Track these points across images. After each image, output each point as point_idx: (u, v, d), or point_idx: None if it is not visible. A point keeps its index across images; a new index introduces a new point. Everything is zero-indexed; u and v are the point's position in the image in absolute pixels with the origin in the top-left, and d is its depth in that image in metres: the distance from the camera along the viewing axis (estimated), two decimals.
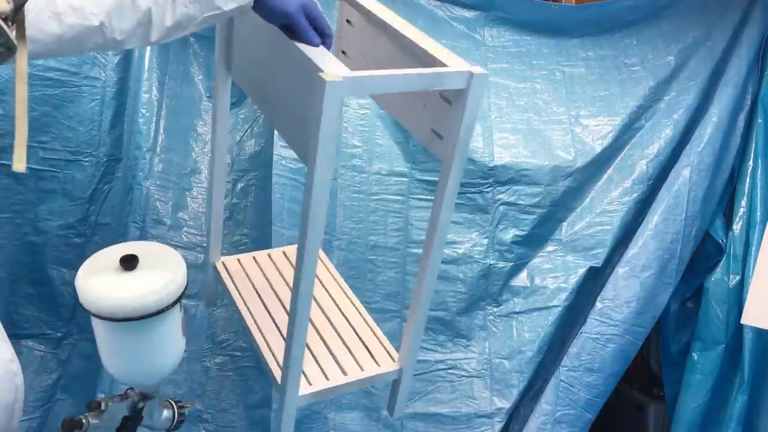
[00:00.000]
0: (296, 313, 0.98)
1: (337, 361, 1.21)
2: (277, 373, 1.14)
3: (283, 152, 1.73)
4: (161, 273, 0.81)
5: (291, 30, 0.97)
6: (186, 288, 0.87)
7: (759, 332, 1.84)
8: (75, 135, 1.65)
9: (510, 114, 1.93)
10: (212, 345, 1.78)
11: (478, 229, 1.90)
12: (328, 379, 1.17)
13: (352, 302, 1.35)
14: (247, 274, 1.39)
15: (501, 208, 1.90)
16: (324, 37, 0.99)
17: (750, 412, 1.88)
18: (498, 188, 1.89)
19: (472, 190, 1.88)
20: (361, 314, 1.32)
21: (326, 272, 1.44)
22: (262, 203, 1.76)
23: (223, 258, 1.42)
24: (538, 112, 1.94)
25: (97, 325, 0.77)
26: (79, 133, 1.66)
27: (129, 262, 0.80)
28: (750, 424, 1.88)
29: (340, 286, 1.39)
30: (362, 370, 1.19)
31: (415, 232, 1.85)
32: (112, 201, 1.71)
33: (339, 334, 1.27)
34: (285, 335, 1.26)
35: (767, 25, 1.95)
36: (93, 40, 0.97)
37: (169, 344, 0.82)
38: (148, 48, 1.70)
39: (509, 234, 1.90)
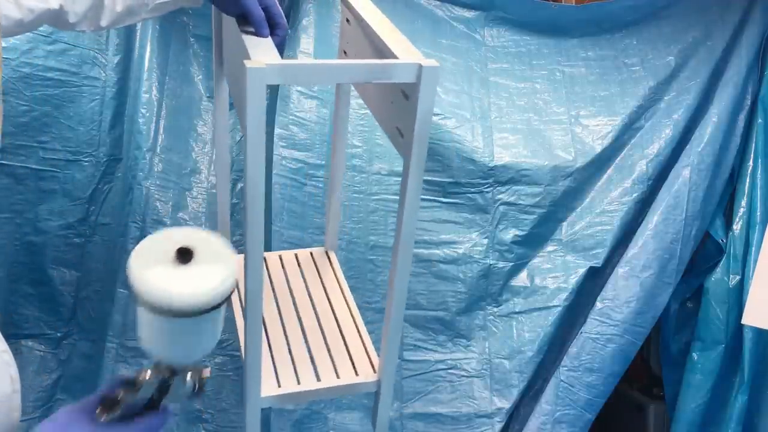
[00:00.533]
0: (248, 313, 0.98)
1: (314, 366, 1.19)
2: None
3: (283, 152, 1.73)
4: (218, 268, 0.80)
5: (246, 20, 0.97)
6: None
7: (759, 332, 1.84)
8: (75, 135, 1.65)
9: (510, 114, 1.93)
10: None
11: (478, 229, 1.90)
12: (299, 383, 1.15)
13: (349, 308, 1.33)
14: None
15: (501, 208, 1.90)
16: (276, 27, 0.99)
17: (750, 412, 1.88)
18: (498, 188, 1.89)
19: (472, 190, 1.88)
20: (355, 322, 1.30)
21: (331, 274, 1.43)
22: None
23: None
24: (538, 112, 1.94)
25: (147, 316, 0.77)
26: (79, 133, 1.66)
27: (185, 255, 0.78)
28: (750, 424, 1.88)
29: (342, 291, 1.38)
30: (338, 377, 1.17)
31: (415, 231, 1.85)
32: (112, 201, 1.71)
33: (325, 339, 1.25)
34: (268, 334, 1.26)
35: (767, 25, 1.95)
36: (49, 21, 0.98)
37: (215, 332, 0.82)
38: (148, 48, 1.70)
39: (509, 234, 1.90)
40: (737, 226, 1.92)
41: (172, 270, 0.78)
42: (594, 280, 1.93)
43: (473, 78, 1.92)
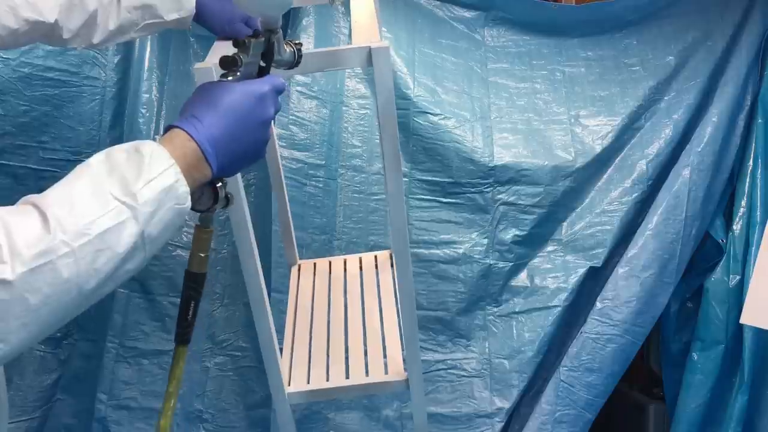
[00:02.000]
0: (255, 316, 1.00)
1: (347, 364, 1.20)
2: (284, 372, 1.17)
3: (283, 152, 1.73)
4: None
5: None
6: None
7: (759, 332, 1.84)
8: (75, 135, 1.65)
9: (510, 114, 1.92)
10: (212, 345, 1.78)
11: (478, 229, 1.89)
12: (328, 380, 1.17)
13: (397, 310, 1.34)
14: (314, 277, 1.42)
15: (501, 208, 1.90)
16: None
17: (750, 412, 1.88)
18: (498, 188, 1.89)
19: (472, 190, 1.88)
20: (400, 323, 1.31)
21: (389, 277, 1.44)
22: (262, 203, 1.76)
23: (300, 261, 1.46)
24: (538, 112, 1.94)
25: None
26: (79, 133, 1.66)
27: None
28: (750, 424, 1.88)
29: (395, 293, 1.38)
30: (367, 375, 1.18)
31: (415, 232, 1.85)
32: None
33: (365, 340, 1.26)
34: (312, 334, 1.28)
35: (767, 25, 1.95)
36: (43, 36, 1.00)
37: None
38: (148, 48, 1.70)
39: (509, 234, 1.90)
40: (737, 226, 1.92)
41: None
42: (594, 280, 1.93)
43: (473, 78, 1.92)
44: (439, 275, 1.87)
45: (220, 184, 0.80)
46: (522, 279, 1.93)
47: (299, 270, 1.46)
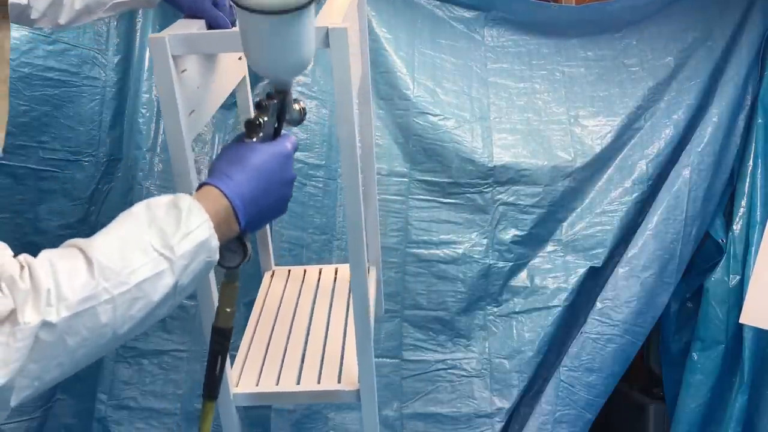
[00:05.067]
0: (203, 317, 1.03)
1: (300, 370, 1.18)
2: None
3: None
4: None
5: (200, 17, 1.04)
6: None
7: (759, 332, 1.84)
8: (75, 135, 1.65)
9: (509, 114, 1.93)
10: None
11: (478, 229, 1.90)
12: (277, 384, 1.15)
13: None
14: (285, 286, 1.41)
15: (500, 208, 1.90)
16: (218, 6, 1.04)
17: (750, 412, 1.88)
18: (497, 188, 1.89)
19: (472, 190, 1.88)
20: None
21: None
22: None
23: (275, 268, 1.45)
24: (537, 112, 1.94)
25: (249, 23, 0.81)
26: (79, 133, 1.65)
27: None
28: (750, 424, 1.88)
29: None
30: (318, 383, 1.16)
31: (414, 232, 1.86)
32: (112, 201, 1.71)
33: (324, 347, 1.24)
34: (271, 338, 1.27)
35: (767, 25, 1.95)
36: (15, 17, 1.01)
37: (308, 39, 0.85)
38: (148, 48, 1.70)
39: (509, 234, 1.90)
40: (737, 226, 1.92)
41: None
42: (594, 280, 1.93)
43: (473, 78, 1.92)
44: (439, 275, 1.87)
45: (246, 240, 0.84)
46: (522, 279, 1.93)
47: (272, 276, 1.45)
